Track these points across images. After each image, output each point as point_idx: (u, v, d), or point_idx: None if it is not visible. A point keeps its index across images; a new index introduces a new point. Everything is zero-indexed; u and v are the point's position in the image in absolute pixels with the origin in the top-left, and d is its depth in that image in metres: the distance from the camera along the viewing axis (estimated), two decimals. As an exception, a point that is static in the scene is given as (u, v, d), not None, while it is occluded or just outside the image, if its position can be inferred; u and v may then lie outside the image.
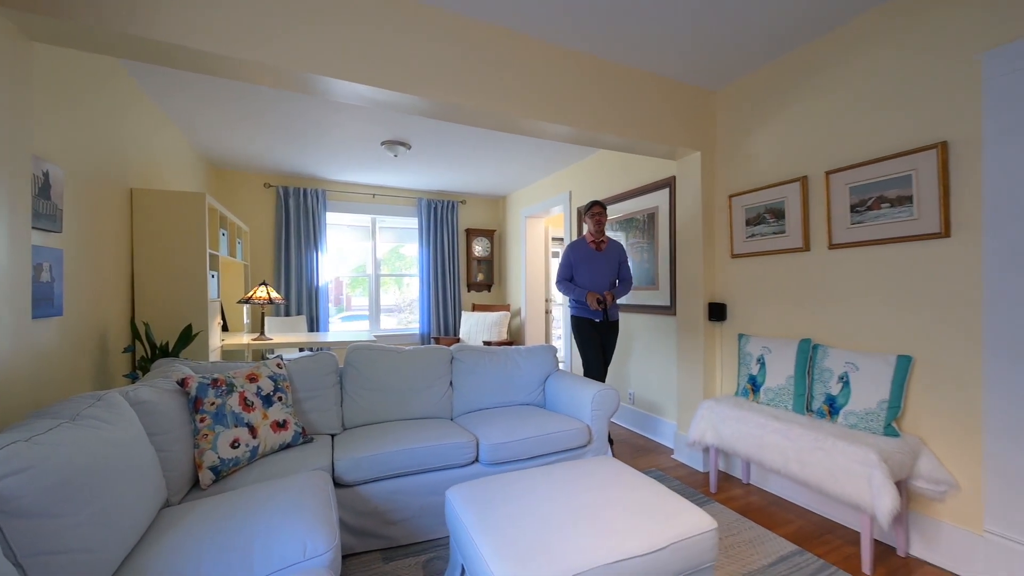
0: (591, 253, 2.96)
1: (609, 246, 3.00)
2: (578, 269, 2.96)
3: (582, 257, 2.95)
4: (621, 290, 2.97)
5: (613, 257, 2.99)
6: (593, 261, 2.94)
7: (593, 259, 2.94)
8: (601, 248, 2.97)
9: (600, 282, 2.94)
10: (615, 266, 2.99)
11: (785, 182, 2.36)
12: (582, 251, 2.97)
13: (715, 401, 2.39)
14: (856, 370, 1.99)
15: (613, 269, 2.98)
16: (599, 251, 2.96)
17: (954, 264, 1.76)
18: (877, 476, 1.65)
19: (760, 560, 1.81)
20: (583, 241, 3.00)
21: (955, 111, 1.75)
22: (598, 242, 2.96)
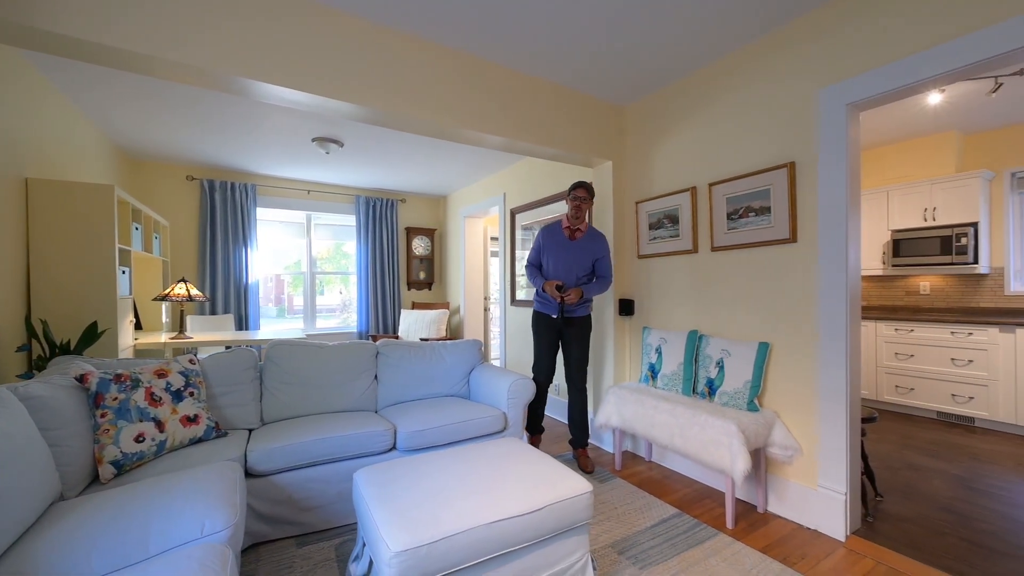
0: (563, 241, 2.66)
1: (586, 237, 2.66)
2: (546, 256, 2.69)
3: (552, 244, 2.68)
4: (595, 287, 2.62)
5: (588, 250, 2.64)
6: (563, 250, 2.65)
7: (563, 248, 2.65)
8: (575, 237, 2.65)
9: (566, 275, 2.64)
10: (588, 260, 2.65)
11: (679, 191, 2.66)
12: (553, 237, 2.69)
13: (619, 387, 2.65)
14: (729, 356, 2.31)
15: (585, 263, 2.64)
16: (572, 240, 2.66)
17: (799, 265, 2.10)
18: (735, 444, 1.95)
19: (646, 523, 2.06)
20: (558, 226, 2.71)
21: (800, 136, 2.09)
22: (573, 229, 2.66)
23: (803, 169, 2.08)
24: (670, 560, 1.78)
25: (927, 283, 4.10)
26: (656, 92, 2.84)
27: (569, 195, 2.64)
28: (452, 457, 1.74)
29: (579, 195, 2.61)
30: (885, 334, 3.92)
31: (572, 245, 2.65)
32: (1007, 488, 2.40)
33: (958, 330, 3.51)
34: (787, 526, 2.04)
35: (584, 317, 2.72)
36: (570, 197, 2.63)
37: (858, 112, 1.98)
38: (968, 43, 1.58)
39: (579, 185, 2.62)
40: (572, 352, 2.70)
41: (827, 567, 1.74)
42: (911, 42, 1.72)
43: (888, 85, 1.79)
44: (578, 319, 2.70)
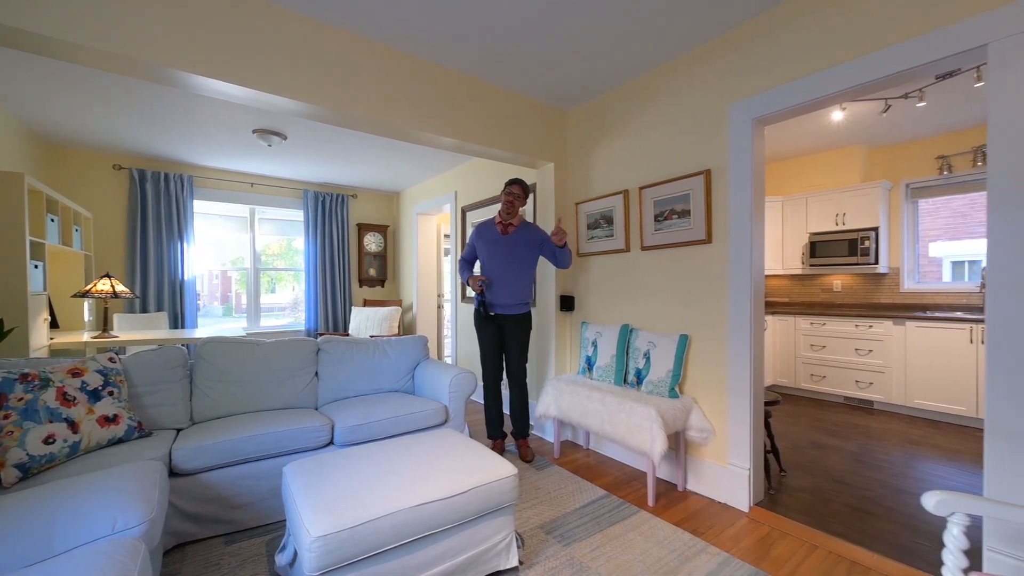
0: (495, 237, 2.71)
1: (520, 229, 2.70)
2: (480, 253, 2.76)
3: (485, 241, 2.73)
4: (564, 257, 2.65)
5: (524, 240, 2.69)
6: (496, 246, 2.69)
7: (497, 243, 2.69)
8: (508, 232, 2.70)
9: (500, 271, 2.67)
10: (525, 251, 2.70)
11: (613, 194, 2.83)
12: (486, 234, 2.75)
13: (557, 379, 2.79)
14: (655, 348, 2.48)
15: (522, 257, 2.69)
16: (504, 235, 2.71)
17: (714, 264, 2.30)
18: (655, 428, 2.12)
19: (575, 504, 2.19)
20: (490, 223, 2.78)
21: (715, 146, 2.29)
22: (505, 225, 2.71)
23: (717, 176, 2.28)
24: (593, 536, 1.92)
25: (839, 281, 4.54)
26: (595, 99, 2.99)
27: (503, 191, 2.71)
28: (385, 448, 1.79)
29: (513, 191, 2.68)
30: (803, 327, 4.31)
31: (505, 240, 2.72)
32: (889, 461, 2.74)
33: (861, 323, 3.92)
34: (701, 501, 2.24)
35: (524, 315, 2.80)
36: (504, 192, 2.70)
37: (763, 126, 2.20)
38: (857, 66, 1.80)
39: (514, 182, 2.69)
40: (512, 348, 2.78)
41: (729, 535, 1.94)
42: (809, 64, 1.94)
43: (788, 102, 2.00)
44: (518, 317, 2.77)
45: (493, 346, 2.79)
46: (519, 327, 2.77)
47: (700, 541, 1.87)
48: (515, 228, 2.75)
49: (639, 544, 1.86)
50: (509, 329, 2.76)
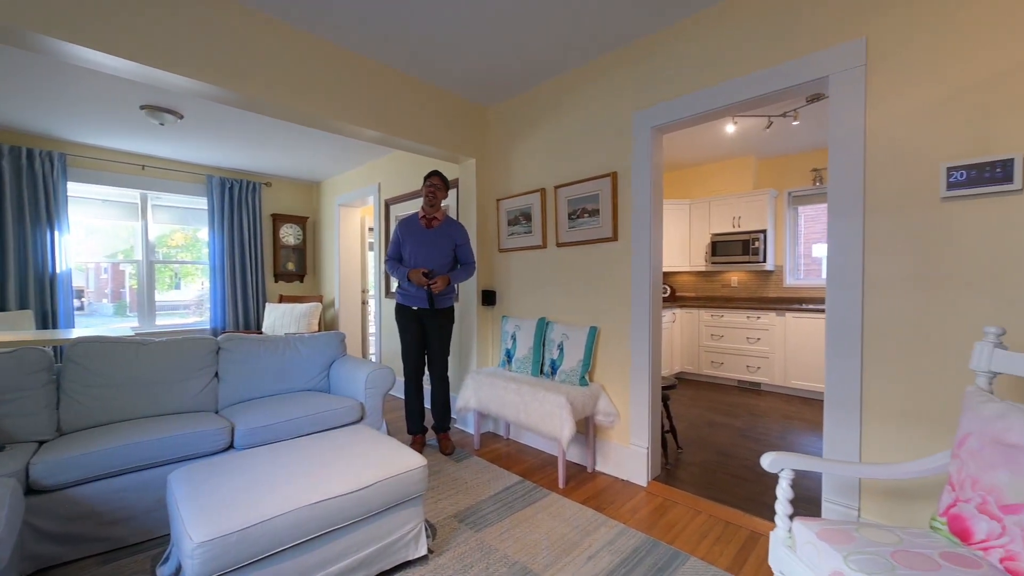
0: (420, 231, 2.71)
1: (444, 225, 2.73)
2: (405, 248, 2.73)
3: (410, 235, 2.71)
4: (460, 274, 2.73)
5: (447, 237, 2.72)
6: (421, 239, 2.69)
7: (421, 237, 2.70)
8: (432, 226, 2.72)
9: (427, 264, 2.68)
10: (447, 247, 2.72)
11: (532, 191, 2.93)
12: (411, 228, 2.73)
13: (477, 372, 2.84)
14: (568, 339, 2.62)
15: (446, 252, 2.71)
16: (429, 229, 2.73)
17: (619, 260, 2.48)
18: (564, 414, 2.25)
19: (490, 492, 2.26)
20: (414, 217, 2.76)
21: (621, 150, 2.47)
22: (429, 218, 2.73)
23: (622, 179, 2.46)
24: (504, 520, 2.00)
25: (736, 278, 5.08)
26: (515, 97, 3.07)
27: (424, 184, 2.72)
28: (289, 447, 1.72)
29: (434, 183, 2.69)
30: (705, 319, 4.77)
31: (429, 234, 2.72)
32: (767, 433, 3.14)
33: (751, 315, 4.43)
34: (607, 480, 2.42)
35: (447, 309, 2.81)
36: (425, 185, 2.71)
37: (661, 134, 2.40)
38: (739, 85, 2.02)
39: (433, 173, 2.71)
40: (434, 343, 2.77)
41: (628, 507, 2.11)
42: (700, 80, 2.15)
43: (683, 113, 2.20)
44: (442, 311, 2.77)
45: (416, 341, 2.77)
46: (443, 322, 2.78)
47: (601, 516, 2.03)
48: (439, 223, 2.75)
49: (546, 523, 1.97)
50: (432, 324, 2.75)
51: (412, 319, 2.75)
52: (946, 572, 0.93)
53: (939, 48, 1.54)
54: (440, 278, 2.61)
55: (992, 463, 1.00)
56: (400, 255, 2.81)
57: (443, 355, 2.80)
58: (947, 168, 1.53)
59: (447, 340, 2.81)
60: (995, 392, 1.43)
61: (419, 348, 2.77)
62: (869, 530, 1.08)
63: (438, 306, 2.74)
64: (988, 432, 1.04)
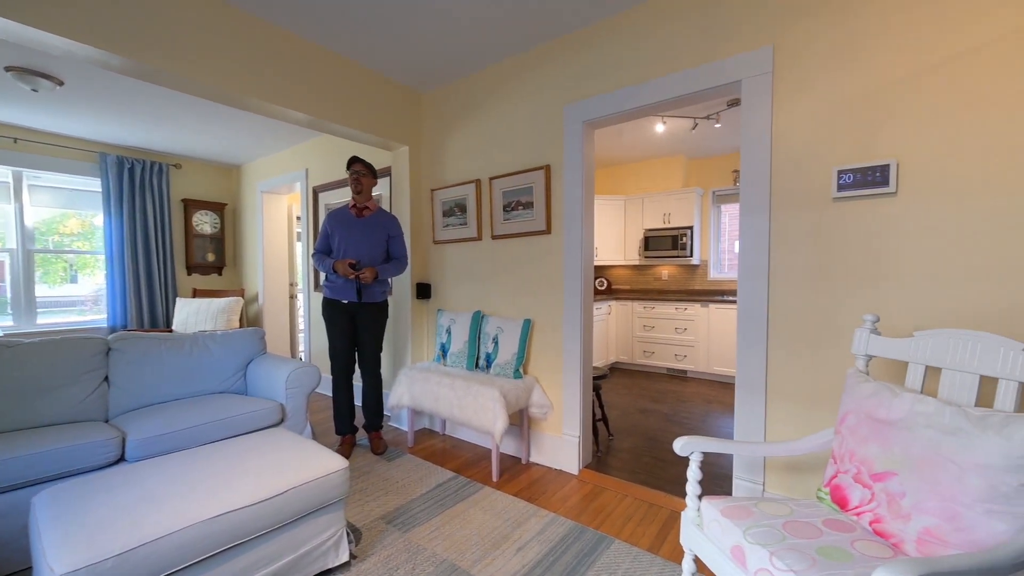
0: (350, 220, 2.57)
1: (376, 215, 2.62)
2: (335, 239, 2.56)
3: (340, 225, 2.56)
4: (391, 268, 2.60)
5: (380, 228, 2.60)
6: (352, 229, 2.55)
7: (352, 227, 2.56)
8: (363, 215, 2.60)
9: (358, 256, 2.55)
10: (382, 239, 2.60)
11: (467, 182, 2.87)
12: (340, 218, 2.58)
13: (410, 368, 2.75)
14: (503, 332, 2.61)
15: (378, 243, 2.59)
16: (360, 218, 2.60)
17: (553, 253, 2.50)
18: (497, 408, 2.24)
19: (422, 490, 2.20)
20: (344, 207, 2.63)
21: (553, 143, 2.47)
22: (360, 208, 2.61)
23: (555, 172, 2.47)
24: (435, 518, 1.95)
25: (666, 271, 5.35)
26: (450, 84, 2.98)
27: (348, 172, 2.59)
28: (189, 457, 1.56)
29: (357, 169, 2.56)
30: (638, 311, 4.99)
31: (360, 223, 2.58)
32: (690, 417, 3.34)
33: (679, 306, 4.69)
34: (541, 471, 2.45)
35: (380, 304, 2.67)
36: (349, 173, 2.58)
37: (592, 129, 2.44)
38: (663, 84, 2.08)
39: (355, 160, 2.57)
40: (366, 339, 2.63)
41: (559, 496, 2.15)
42: (627, 76, 2.19)
43: (612, 109, 2.24)
44: (374, 305, 2.63)
45: (346, 337, 2.62)
46: (375, 316, 2.65)
47: (533, 507, 2.04)
48: (371, 212, 2.63)
49: (477, 518, 1.95)
50: (364, 318, 2.61)
51: (341, 313, 2.60)
52: (826, 537, 1.02)
53: (834, 59, 1.68)
54: (368, 269, 2.47)
55: (866, 437, 1.11)
56: (329, 249, 2.64)
57: (375, 351, 2.68)
58: (837, 171, 1.68)
59: (380, 335, 2.69)
60: (871, 374, 1.60)
61: (348, 344, 2.63)
62: (766, 504, 1.17)
63: (369, 300, 2.60)
64: (863, 409, 1.15)
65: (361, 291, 2.54)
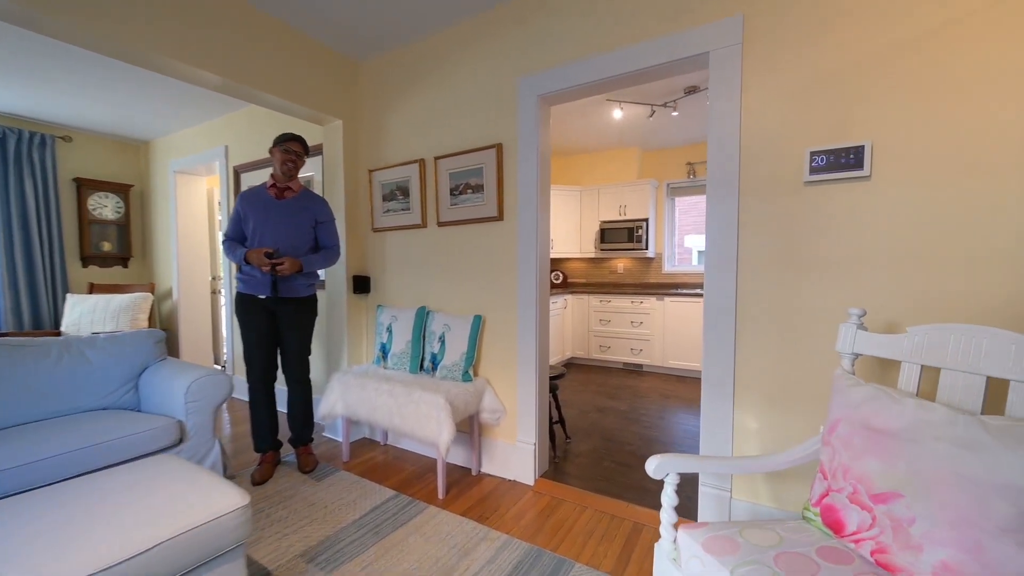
0: (268, 202, 2.19)
1: (301, 197, 2.25)
2: (250, 224, 2.17)
3: (255, 208, 2.17)
4: (318, 259, 2.24)
5: (305, 213, 2.24)
6: (270, 213, 2.17)
7: (270, 210, 2.17)
8: (285, 196, 2.22)
9: (277, 244, 2.15)
10: (307, 226, 2.25)
11: (409, 162, 2.56)
12: (256, 200, 2.18)
13: (343, 372, 2.42)
14: (450, 330, 2.34)
15: (302, 230, 2.23)
16: (280, 200, 2.21)
17: (505, 242, 2.26)
18: (442, 416, 1.97)
19: (355, 515, 1.90)
20: (262, 188, 2.24)
21: (506, 119, 2.22)
22: (282, 188, 2.23)
23: (508, 151, 2.22)
24: (368, 551, 1.66)
25: (622, 264, 5.28)
26: (390, 52, 2.64)
27: (278, 147, 2.18)
28: (28, 503, 1.17)
29: (294, 149, 2.19)
30: (594, 305, 4.87)
31: (281, 206, 2.20)
32: (648, 415, 3.24)
33: (635, 300, 4.62)
34: (493, 483, 2.21)
35: (306, 299, 2.30)
36: (280, 149, 2.18)
37: (549, 105, 2.21)
38: (625, 55, 1.87)
39: (292, 138, 2.20)
40: (290, 340, 2.27)
41: (513, 513, 1.93)
42: (587, 46, 1.97)
43: (570, 82, 2.02)
44: (298, 301, 2.26)
45: (264, 338, 2.23)
46: (301, 313, 2.28)
47: (483, 528, 1.81)
48: (294, 194, 2.25)
49: (418, 548, 1.68)
50: (287, 316, 2.25)
51: (258, 311, 2.21)
52: (824, 573, 0.86)
53: (807, 31, 1.55)
54: (288, 260, 2.10)
55: (862, 450, 0.96)
56: (242, 236, 2.24)
57: (302, 354, 2.32)
58: (810, 152, 1.55)
59: (307, 336, 2.33)
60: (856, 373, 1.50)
61: (268, 346, 2.25)
62: (752, 532, 0.99)
63: (290, 295, 2.22)
64: (857, 417, 1.00)
65: (277, 285, 2.16)
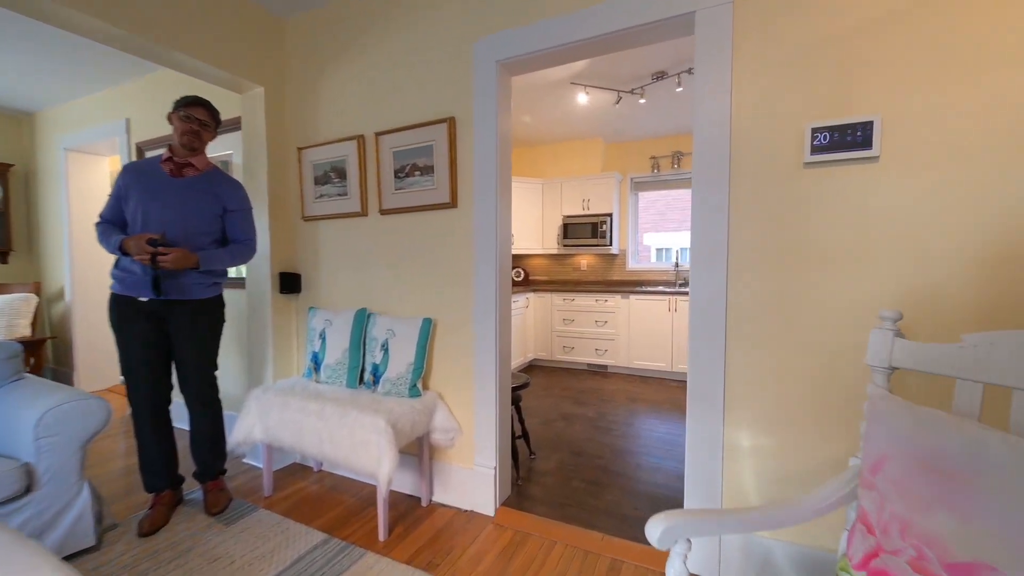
0: (160, 180, 1.73)
1: (204, 178, 1.79)
2: (130, 204, 1.70)
3: (142, 186, 1.71)
4: (225, 255, 1.80)
5: (209, 197, 1.78)
6: (160, 193, 1.71)
7: (162, 189, 1.71)
8: (183, 174, 1.77)
9: (173, 232, 1.69)
10: (212, 213, 1.79)
11: (346, 139, 2.17)
12: (143, 174, 1.73)
13: (263, 390, 2.00)
14: (394, 336, 1.99)
15: (205, 217, 1.77)
16: (177, 178, 1.76)
17: (460, 232, 1.93)
18: (382, 443, 1.62)
19: (271, 571, 1.51)
20: (153, 161, 1.78)
21: (460, 90, 1.89)
22: (181, 164, 1.77)
23: (463, 127, 1.90)
24: (280, 626, 1.29)
25: (585, 261, 5.08)
26: (324, 7, 2.23)
27: (177, 112, 1.74)
28: None
29: (197, 116, 1.75)
30: (557, 303, 4.63)
31: (177, 185, 1.75)
32: (617, 421, 3.03)
33: (600, 298, 4.42)
34: (446, 515, 1.89)
35: (207, 302, 1.85)
36: (179, 115, 1.74)
37: (510, 74, 1.90)
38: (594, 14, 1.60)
39: (196, 102, 1.77)
40: (185, 353, 1.81)
41: (470, 555, 1.61)
42: (561, 1, 1.68)
43: (532, 46, 1.72)
44: (194, 304, 1.80)
45: (152, 351, 1.76)
46: (199, 319, 1.83)
47: (432, 580, 1.48)
48: (197, 172, 1.81)
49: (348, 615, 1.33)
50: (180, 323, 1.79)
51: (139, 318, 1.73)
52: None
53: (808, -13, 1.34)
54: (177, 251, 1.64)
55: (929, 500, 0.73)
56: (123, 219, 1.76)
57: (203, 370, 1.88)
58: (811, 129, 1.34)
59: (209, 346, 1.88)
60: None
61: (155, 362, 1.78)
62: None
63: (180, 295, 1.75)
64: (914, 453, 0.77)
65: (159, 282, 1.68)
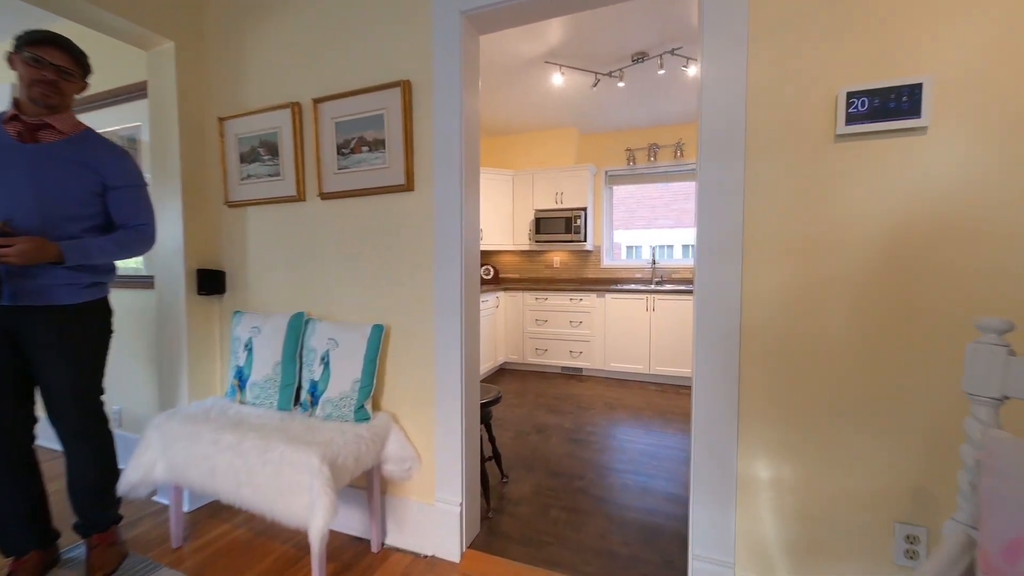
0: (6, 148, 1.31)
1: (72, 143, 1.37)
2: None
3: None
4: (107, 246, 1.40)
5: (78, 167, 1.36)
6: (7, 165, 1.30)
7: (10, 161, 1.30)
8: (38, 138, 1.35)
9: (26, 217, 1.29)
10: (80, 189, 1.37)
11: (278, 107, 1.78)
12: None
13: (169, 416, 1.60)
14: (336, 347, 1.63)
15: (74, 194, 1.36)
16: (30, 144, 1.33)
17: (418, 220, 1.60)
18: (315, 486, 1.27)
19: (162, 665, 1.14)
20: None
21: (417, 48, 1.56)
22: (33, 126, 1.34)
23: (420, 93, 1.57)
24: None
25: (558, 258, 4.82)
26: (248, -50, 1.84)
27: (21, 54, 1.29)
28: None
29: (53, 60, 1.31)
30: (529, 303, 4.35)
31: (30, 153, 1.32)
32: (596, 432, 2.77)
33: (574, 296, 4.17)
34: (402, 564, 1.55)
35: (80, 307, 1.41)
36: (23, 58, 1.29)
37: (477, 31, 1.59)
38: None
39: (51, 40, 1.31)
40: (50, 374, 1.38)
41: (428, 623, 1.30)
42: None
43: None
44: (58, 312, 1.37)
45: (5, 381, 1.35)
46: (71, 330, 1.39)
47: (378, 664, 1.15)
48: (61, 135, 1.37)
49: None
50: (42, 337, 1.36)
51: None
52: None
53: (842, -81, 1.10)
54: (25, 240, 1.24)
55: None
56: None
57: (82, 396, 1.44)
58: (847, 94, 1.10)
59: (90, 366, 1.45)
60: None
61: (5, 387, 1.36)
62: None
63: (36, 301, 1.33)
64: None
65: (2, 285, 1.26)
